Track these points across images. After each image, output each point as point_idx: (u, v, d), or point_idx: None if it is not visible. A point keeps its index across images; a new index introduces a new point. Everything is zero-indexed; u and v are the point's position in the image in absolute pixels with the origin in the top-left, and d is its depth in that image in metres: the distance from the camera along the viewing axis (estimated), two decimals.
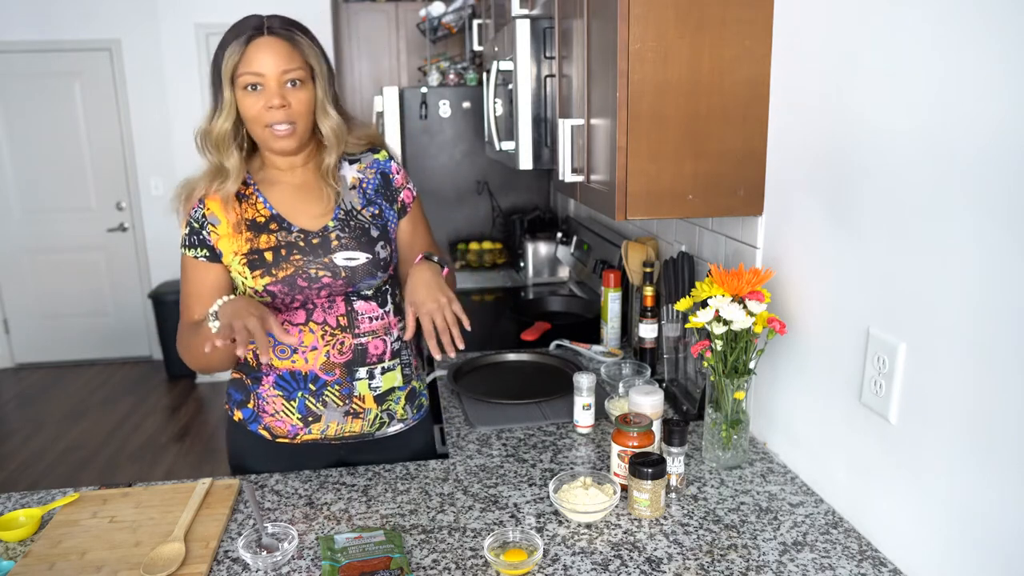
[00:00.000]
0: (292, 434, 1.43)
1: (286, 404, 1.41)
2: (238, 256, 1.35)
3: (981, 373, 0.92)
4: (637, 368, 1.77)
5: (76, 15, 4.62)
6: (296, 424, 1.42)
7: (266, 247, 1.35)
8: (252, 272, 1.34)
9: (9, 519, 1.24)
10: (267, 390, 1.42)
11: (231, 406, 1.49)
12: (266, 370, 1.41)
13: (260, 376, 1.42)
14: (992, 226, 0.89)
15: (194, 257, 1.38)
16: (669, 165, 1.34)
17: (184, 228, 1.39)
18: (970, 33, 0.90)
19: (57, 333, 5.05)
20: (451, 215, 3.55)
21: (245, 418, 1.45)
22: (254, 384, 1.43)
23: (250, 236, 1.36)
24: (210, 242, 1.36)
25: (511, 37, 1.94)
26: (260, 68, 1.28)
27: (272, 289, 1.35)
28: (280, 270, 1.34)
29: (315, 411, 1.41)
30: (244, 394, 1.45)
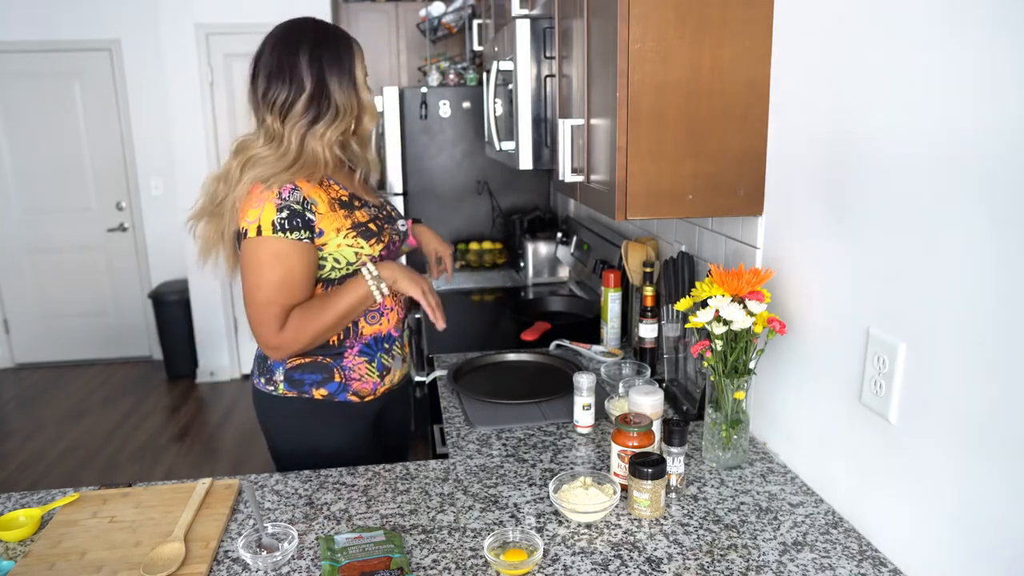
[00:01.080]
0: (373, 390, 1.59)
1: (368, 367, 1.57)
2: (343, 231, 1.46)
3: (981, 373, 0.92)
4: (637, 368, 1.77)
5: (76, 15, 4.62)
6: (376, 381, 1.59)
7: (365, 220, 1.50)
8: (368, 241, 1.48)
9: (9, 519, 1.24)
10: (351, 360, 1.55)
11: (306, 388, 1.54)
12: (349, 343, 1.54)
13: (342, 351, 1.54)
14: (992, 226, 0.89)
15: (297, 240, 1.40)
16: (669, 165, 1.34)
17: (274, 213, 1.38)
18: (970, 32, 0.90)
19: (57, 333, 5.05)
20: (451, 215, 3.55)
21: (332, 392, 1.55)
22: (336, 360, 1.54)
23: (345, 212, 1.47)
24: (313, 223, 1.42)
25: (511, 37, 1.94)
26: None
27: (383, 253, 1.52)
28: (384, 236, 1.52)
29: (388, 365, 1.61)
30: (325, 372, 1.54)
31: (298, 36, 1.43)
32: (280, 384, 1.55)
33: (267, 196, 1.39)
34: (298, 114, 1.41)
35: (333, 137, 1.44)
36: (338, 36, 1.46)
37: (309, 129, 1.42)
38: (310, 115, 1.41)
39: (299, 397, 1.54)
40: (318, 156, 1.43)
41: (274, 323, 1.41)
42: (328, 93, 1.42)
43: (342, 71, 1.43)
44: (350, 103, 1.44)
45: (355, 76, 1.45)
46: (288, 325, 1.42)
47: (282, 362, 1.53)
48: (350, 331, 1.53)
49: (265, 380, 1.57)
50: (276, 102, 1.41)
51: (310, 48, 1.41)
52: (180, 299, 4.65)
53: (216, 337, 4.68)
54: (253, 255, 1.40)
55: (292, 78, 1.41)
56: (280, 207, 1.38)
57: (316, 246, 1.44)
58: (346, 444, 1.59)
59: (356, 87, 1.46)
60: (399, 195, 3.42)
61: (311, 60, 1.41)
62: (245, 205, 1.41)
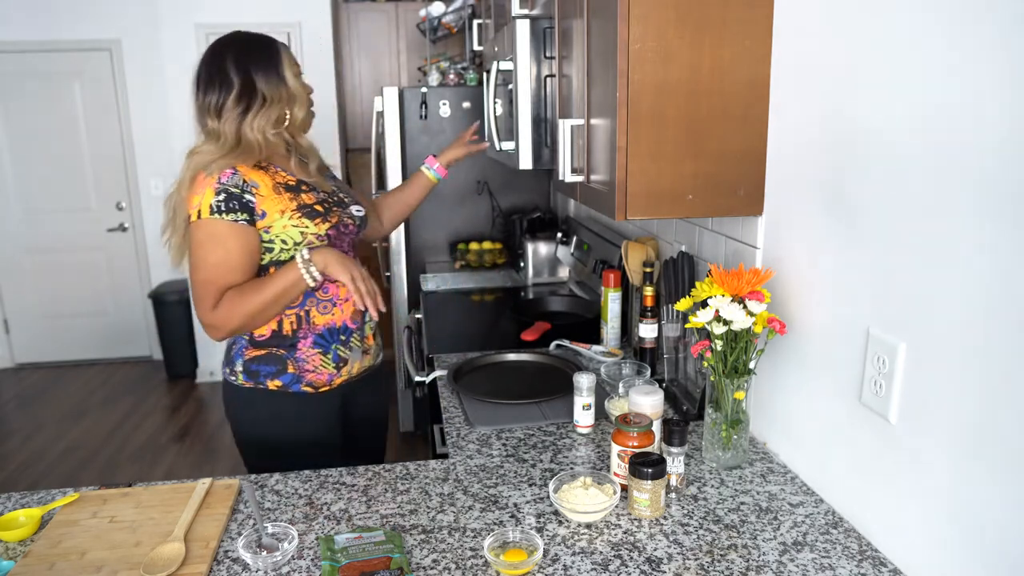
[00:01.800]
0: (329, 381, 1.63)
1: (323, 358, 1.61)
2: (287, 212, 1.53)
3: (981, 373, 0.92)
4: (637, 368, 1.77)
5: (76, 15, 4.62)
6: (332, 372, 1.63)
7: (311, 202, 1.57)
8: (313, 220, 1.55)
9: (9, 519, 1.24)
10: (305, 352, 1.60)
11: (261, 380, 1.60)
12: (303, 334, 1.59)
13: (295, 342, 1.59)
14: (992, 226, 0.89)
15: (233, 221, 1.48)
16: (669, 165, 1.34)
17: (212, 196, 1.47)
18: (970, 32, 0.90)
19: (57, 333, 5.05)
20: (451, 215, 3.55)
21: (286, 383, 1.60)
22: (290, 351, 1.59)
23: (290, 195, 1.55)
24: (252, 204, 1.50)
25: (511, 37, 1.94)
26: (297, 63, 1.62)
27: (330, 233, 1.58)
28: (331, 216, 1.59)
29: (344, 357, 1.64)
30: (279, 364, 1.59)
31: (223, 47, 1.56)
32: (240, 374, 1.62)
33: (208, 182, 1.48)
34: (230, 108, 1.51)
35: (264, 124, 1.53)
36: (262, 40, 1.59)
37: (242, 120, 1.52)
38: (241, 107, 1.52)
39: (256, 388, 1.60)
40: (253, 142, 1.53)
41: (210, 301, 1.49)
42: (255, 86, 1.52)
43: (267, 66, 1.54)
44: (277, 93, 1.55)
45: (281, 71, 1.56)
46: (221, 304, 1.49)
47: (240, 353, 1.61)
48: (302, 321, 1.59)
49: (229, 370, 1.65)
50: (211, 105, 1.53)
51: (235, 52, 1.54)
52: (180, 299, 4.65)
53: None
54: (194, 237, 1.50)
55: (222, 81, 1.52)
56: (218, 191, 1.48)
57: (258, 229, 1.51)
58: (307, 435, 1.63)
59: (283, 80, 1.56)
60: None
61: (236, 62, 1.53)
62: (190, 194, 1.51)
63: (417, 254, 3.56)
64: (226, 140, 1.52)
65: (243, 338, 1.61)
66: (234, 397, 1.65)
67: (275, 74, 1.55)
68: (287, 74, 1.57)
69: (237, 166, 1.50)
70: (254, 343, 1.59)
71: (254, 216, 1.50)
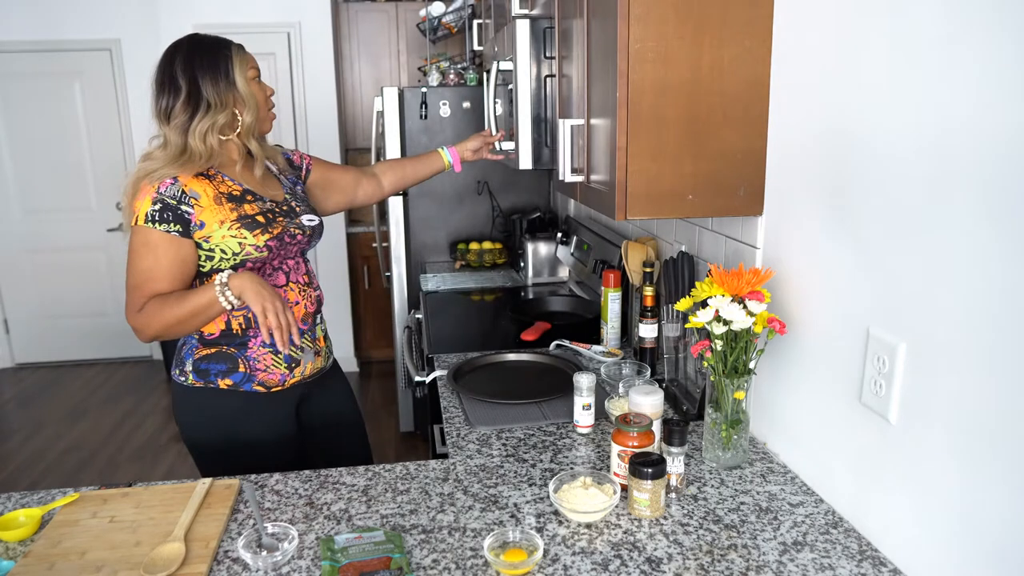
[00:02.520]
0: (282, 381, 1.63)
1: (275, 358, 1.62)
2: (227, 223, 1.53)
3: (981, 373, 0.92)
4: (637, 368, 1.77)
5: (76, 15, 4.62)
6: (284, 372, 1.63)
7: (253, 212, 1.57)
8: (252, 231, 1.55)
9: (9, 519, 1.24)
10: (255, 351, 1.60)
11: (212, 379, 1.60)
12: (253, 333, 1.59)
13: (245, 340, 1.59)
14: (992, 226, 0.89)
15: (165, 232, 1.50)
16: (669, 165, 1.34)
17: (149, 205, 1.49)
18: (970, 32, 0.90)
19: (57, 333, 5.05)
20: (451, 215, 3.55)
21: (237, 382, 1.60)
22: (240, 350, 1.59)
23: (232, 206, 1.55)
24: (188, 216, 1.51)
25: (511, 37, 1.94)
26: (256, 64, 1.62)
27: (271, 244, 1.57)
28: (274, 228, 1.58)
29: (296, 357, 1.64)
30: (230, 362, 1.59)
31: (174, 50, 1.56)
32: (189, 374, 1.62)
33: (148, 190, 1.50)
34: (178, 114, 1.52)
35: (207, 130, 1.53)
36: (214, 43, 1.58)
37: (188, 126, 1.52)
38: (187, 114, 1.52)
39: (206, 387, 1.60)
40: (196, 150, 1.52)
41: (135, 305, 1.52)
42: (200, 92, 1.52)
43: (216, 71, 1.54)
44: (224, 99, 1.54)
45: (231, 75, 1.55)
46: (144, 310, 1.51)
47: (191, 352, 1.61)
48: (251, 321, 1.59)
49: (179, 371, 1.65)
50: (162, 109, 1.54)
51: (183, 57, 1.54)
52: None
53: None
54: (130, 242, 1.54)
55: (171, 86, 1.53)
56: (155, 200, 1.49)
57: (197, 238, 1.52)
58: (258, 435, 1.63)
59: (232, 84, 1.55)
60: (399, 195, 3.42)
61: (184, 67, 1.53)
62: (133, 199, 1.53)
63: (417, 254, 3.56)
64: (172, 147, 1.52)
65: (192, 337, 1.60)
66: (184, 398, 1.64)
67: (223, 78, 1.54)
68: (237, 78, 1.56)
69: (179, 176, 1.51)
70: (204, 342, 1.59)
71: (189, 228, 1.51)
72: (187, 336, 1.61)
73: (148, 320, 1.50)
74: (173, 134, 1.52)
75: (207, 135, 1.53)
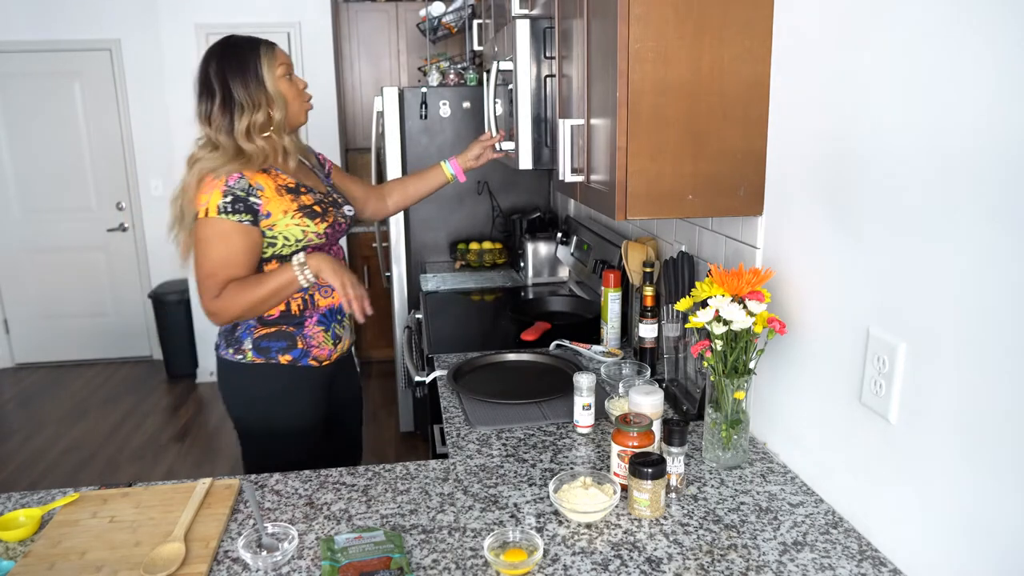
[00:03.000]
0: (329, 356, 1.79)
1: (325, 335, 1.77)
2: (290, 212, 1.65)
3: (981, 373, 0.92)
4: (637, 368, 1.77)
5: (76, 15, 4.62)
6: (331, 348, 1.79)
7: (310, 203, 1.70)
8: (313, 220, 1.68)
9: (9, 519, 1.24)
10: (311, 329, 1.75)
11: (273, 355, 1.72)
12: (309, 314, 1.74)
13: (303, 320, 1.73)
14: (992, 226, 0.89)
15: (238, 221, 1.60)
16: (669, 165, 1.34)
17: (220, 198, 1.59)
18: (970, 33, 0.90)
19: (57, 333, 5.05)
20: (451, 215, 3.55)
21: (295, 357, 1.74)
22: (298, 328, 1.73)
23: (291, 197, 1.67)
24: (257, 207, 1.62)
25: (511, 37, 1.94)
26: (287, 60, 1.70)
27: (328, 231, 1.72)
28: (328, 216, 1.72)
29: (339, 334, 1.81)
30: (289, 340, 1.73)
31: (210, 54, 1.65)
32: (249, 352, 1.72)
33: (216, 184, 1.59)
34: (216, 117, 1.62)
35: (246, 130, 1.62)
36: (244, 44, 1.66)
37: (232, 128, 1.62)
38: (226, 117, 1.62)
39: (267, 363, 1.72)
40: (250, 151, 1.62)
41: (212, 292, 1.62)
42: (233, 94, 1.61)
43: (245, 73, 1.62)
44: (256, 99, 1.62)
45: (260, 74, 1.63)
46: (224, 294, 1.62)
47: (248, 332, 1.72)
48: (308, 303, 1.73)
49: (233, 350, 1.74)
50: (202, 113, 1.65)
51: (216, 61, 1.63)
52: (180, 299, 4.65)
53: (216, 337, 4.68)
54: (201, 233, 1.61)
55: (207, 90, 1.64)
56: (226, 192, 1.59)
57: (261, 228, 1.63)
58: (304, 408, 1.78)
59: (261, 83, 1.63)
60: None
61: (217, 70, 1.62)
62: (198, 194, 1.61)
63: (417, 254, 3.56)
64: (226, 149, 1.62)
65: (250, 320, 1.71)
66: (239, 375, 1.75)
67: (253, 79, 1.62)
68: (265, 77, 1.63)
69: (243, 171, 1.61)
70: (263, 322, 1.71)
71: (258, 217, 1.62)
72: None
73: (227, 304, 1.62)
74: (220, 136, 1.62)
75: (251, 134, 1.62)
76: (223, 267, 1.61)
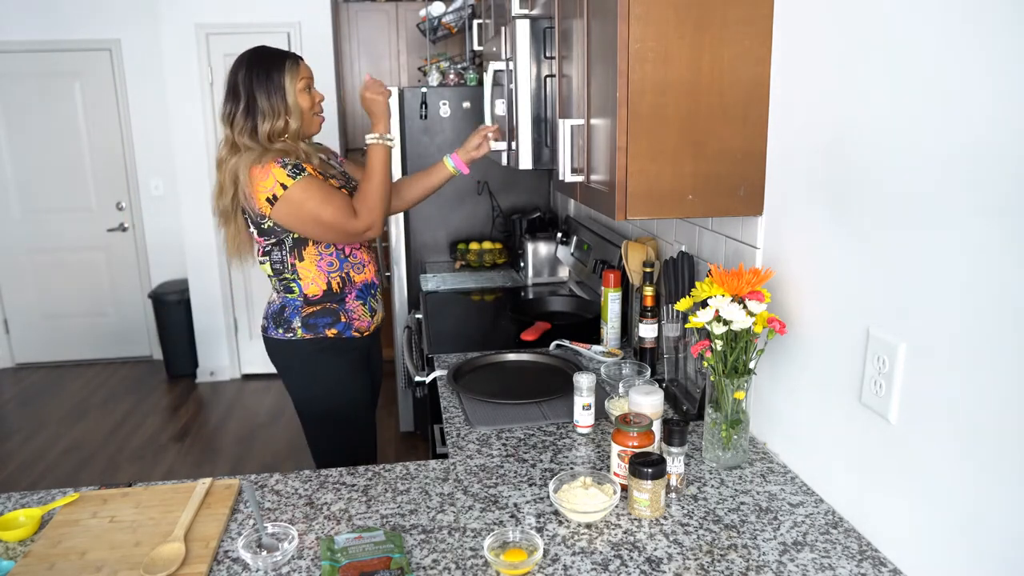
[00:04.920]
0: (368, 327, 2.00)
1: (363, 308, 1.98)
2: None
3: (981, 373, 0.92)
4: (637, 368, 1.77)
5: (76, 15, 4.62)
6: (368, 320, 2.00)
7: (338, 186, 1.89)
8: None
9: (9, 519, 1.24)
10: (351, 304, 1.95)
11: (320, 330, 1.92)
12: (348, 290, 1.94)
13: (343, 296, 1.94)
14: (992, 226, 0.89)
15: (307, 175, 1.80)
16: (669, 165, 1.34)
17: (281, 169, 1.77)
18: (970, 33, 0.90)
19: (57, 333, 5.04)
20: (451, 215, 3.55)
21: (340, 330, 1.94)
22: (340, 305, 1.94)
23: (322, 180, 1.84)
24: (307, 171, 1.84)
25: (511, 37, 1.94)
26: (309, 74, 1.89)
27: None
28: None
29: (375, 308, 2.02)
30: (333, 316, 1.93)
31: (239, 62, 1.84)
32: (299, 330, 1.91)
33: (268, 167, 1.77)
34: (239, 121, 1.81)
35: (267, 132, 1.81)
36: (272, 56, 1.84)
37: (256, 132, 1.80)
38: (250, 122, 1.81)
39: (315, 338, 1.92)
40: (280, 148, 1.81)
41: (350, 220, 1.83)
42: (256, 102, 1.80)
43: (270, 83, 1.80)
44: (275, 107, 1.81)
45: (283, 86, 1.82)
46: (359, 212, 1.84)
47: (296, 312, 1.91)
48: (346, 280, 1.93)
49: (283, 330, 1.93)
50: (226, 115, 1.83)
51: (244, 68, 1.82)
52: (180, 299, 4.65)
53: (216, 337, 4.68)
54: (291, 202, 1.78)
55: (234, 94, 1.82)
56: (283, 164, 1.77)
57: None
58: (350, 375, 1.98)
59: (284, 95, 1.82)
60: None
61: (244, 78, 1.81)
62: (255, 187, 1.77)
63: (417, 254, 3.56)
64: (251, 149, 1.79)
65: (297, 299, 1.91)
66: (291, 351, 1.93)
67: (276, 89, 1.80)
68: (287, 89, 1.81)
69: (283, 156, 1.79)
70: (308, 302, 1.91)
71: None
72: (290, 300, 1.92)
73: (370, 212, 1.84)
74: (243, 138, 1.80)
75: (272, 138, 1.81)
76: (335, 201, 1.80)
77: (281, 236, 1.86)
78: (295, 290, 1.90)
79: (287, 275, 1.90)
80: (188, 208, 4.48)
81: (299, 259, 1.88)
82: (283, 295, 1.93)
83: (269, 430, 3.95)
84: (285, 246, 1.87)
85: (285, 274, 1.90)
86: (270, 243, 1.87)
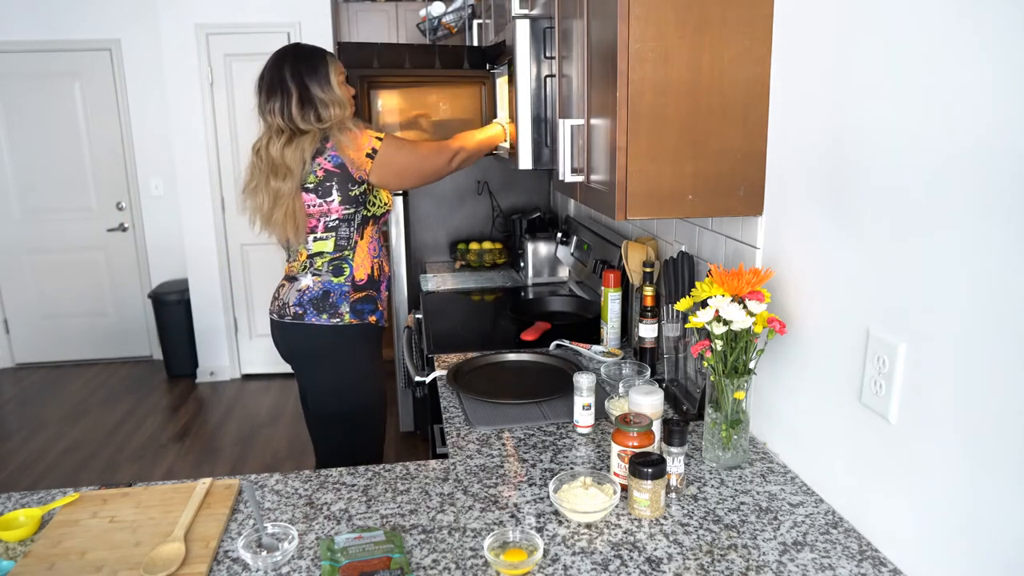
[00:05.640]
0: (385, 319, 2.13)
1: (386, 298, 2.12)
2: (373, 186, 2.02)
3: (981, 373, 0.92)
4: (637, 368, 1.77)
5: (76, 15, 4.62)
6: (385, 308, 2.12)
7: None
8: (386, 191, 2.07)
9: (9, 519, 1.24)
10: (383, 293, 2.11)
11: (365, 316, 2.04)
12: (381, 278, 2.09)
13: (379, 284, 2.08)
14: (991, 226, 0.89)
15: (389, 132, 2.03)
16: (669, 165, 1.34)
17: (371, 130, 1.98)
18: (970, 33, 0.90)
19: (57, 333, 5.05)
20: (451, 215, 3.55)
21: (378, 318, 2.08)
22: (378, 293, 2.08)
23: None
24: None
25: (511, 37, 1.94)
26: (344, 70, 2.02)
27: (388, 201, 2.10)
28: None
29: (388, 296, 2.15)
30: (372, 303, 2.06)
31: (281, 58, 1.94)
32: (347, 315, 2.01)
33: (357, 132, 1.94)
34: (297, 114, 1.90)
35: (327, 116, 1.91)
36: (313, 51, 1.97)
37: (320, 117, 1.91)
38: (311, 111, 1.91)
39: (361, 323, 2.04)
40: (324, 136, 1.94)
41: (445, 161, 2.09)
42: (310, 92, 1.90)
43: (318, 75, 1.92)
44: (329, 97, 1.92)
45: (330, 78, 1.93)
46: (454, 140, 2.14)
47: (344, 298, 2.01)
48: (380, 269, 2.08)
49: (328, 316, 2.00)
50: (275, 108, 1.91)
51: (291, 65, 1.92)
52: (180, 299, 4.65)
53: (216, 337, 4.68)
54: (389, 154, 1.96)
55: (282, 89, 1.90)
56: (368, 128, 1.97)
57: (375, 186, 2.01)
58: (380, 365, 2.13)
59: (330, 86, 1.93)
60: (399, 195, 3.42)
61: (292, 74, 1.90)
62: (355, 149, 1.92)
63: (417, 254, 3.56)
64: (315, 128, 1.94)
65: (344, 285, 2.00)
66: (337, 335, 2.00)
67: (325, 81, 1.92)
68: (333, 80, 1.94)
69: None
70: (356, 287, 2.01)
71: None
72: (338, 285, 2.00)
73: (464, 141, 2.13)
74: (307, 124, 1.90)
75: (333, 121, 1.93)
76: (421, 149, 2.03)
77: (360, 205, 1.96)
78: (345, 271, 1.99)
79: (347, 252, 1.99)
80: (188, 208, 4.48)
81: (360, 236, 2.00)
82: (326, 279, 1.98)
83: (269, 430, 3.95)
84: (354, 222, 1.98)
85: (346, 251, 1.99)
86: (347, 213, 1.95)
